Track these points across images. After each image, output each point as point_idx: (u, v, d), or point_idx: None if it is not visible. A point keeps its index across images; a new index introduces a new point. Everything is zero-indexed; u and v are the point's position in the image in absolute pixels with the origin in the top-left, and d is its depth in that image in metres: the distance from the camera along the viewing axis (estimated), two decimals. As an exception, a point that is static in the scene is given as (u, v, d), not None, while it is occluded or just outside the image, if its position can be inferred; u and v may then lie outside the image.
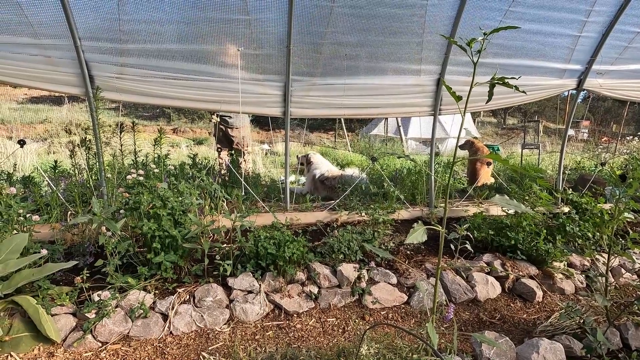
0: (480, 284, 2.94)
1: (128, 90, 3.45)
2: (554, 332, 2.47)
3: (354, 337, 2.39)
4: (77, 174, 4.03)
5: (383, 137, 13.57)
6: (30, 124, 13.20)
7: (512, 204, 1.61)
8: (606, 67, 4.39)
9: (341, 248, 3.05)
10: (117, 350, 2.15)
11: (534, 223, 3.50)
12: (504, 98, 4.39)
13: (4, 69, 3.12)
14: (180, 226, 2.73)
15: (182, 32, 3.36)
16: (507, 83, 1.52)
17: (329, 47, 3.63)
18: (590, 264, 3.40)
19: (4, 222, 2.48)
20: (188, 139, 12.95)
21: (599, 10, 3.85)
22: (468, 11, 3.58)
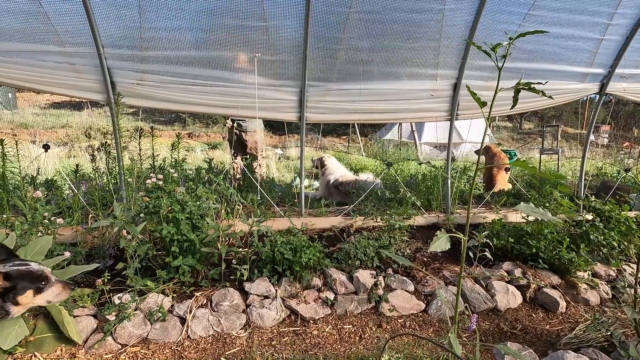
0: (500, 293, 2.87)
1: (148, 96, 3.53)
2: (579, 345, 2.38)
3: (371, 345, 2.35)
4: (97, 178, 4.13)
5: (397, 141, 13.48)
6: (52, 128, 13.64)
7: (538, 212, 1.56)
8: (630, 71, 4.26)
9: (357, 254, 3.03)
10: (136, 352, 2.17)
11: (556, 231, 3.40)
12: (524, 103, 4.31)
13: (31, 76, 3.23)
14: (197, 230, 2.75)
15: (200, 39, 3.43)
16: (534, 88, 1.49)
17: (344, 53, 3.64)
18: (617, 274, 3.27)
19: (29, 224, 2.55)
20: (203, 143, 13.14)
21: (623, 12, 3.75)
22: (486, 15, 3.54)
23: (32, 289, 1.64)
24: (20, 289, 1.60)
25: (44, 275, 1.69)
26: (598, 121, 15.26)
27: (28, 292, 1.63)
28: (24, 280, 1.61)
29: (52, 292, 1.72)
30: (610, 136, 15.03)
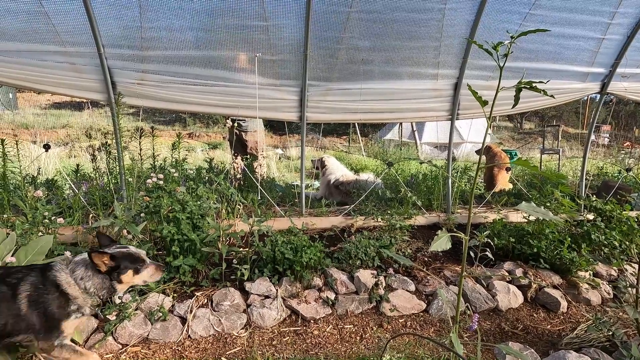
0: (501, 293, 2.86)
1: (148, 96, 3.52)
2: (580, 345, 2.38)
3: (372, 345, 2.35)
4: (97, 178, 4.13)
5: (397, 141, 13.47)
6: (53, 128, 13.64)
7: (540, 211, 1.55)
8: (632, 70, 4.25)
9: (358, 254, 3.02)
10: (137, 352, 2.17)
11: (557, 231, 3.39)
12: (525, 102, 4.30)
13: (31, 76, 3.23)
14: (198, 230, 2.75)
15: (201, 39, 3.42)
16: (535, 87, 1.48)
17: (345, 52, 3.64)
18: (618, 274, 3.27)
19: (30, 224, 2.55)
20: (203, 143, 13.14)
21: (624, 12, 3.74)
22: (487, 14, 3.53)
23: (132, 269, 1.84)
24: (123, 268, 1.81)
25: (140, 257, 1.88)
26: (599, 121, 15.23)
27: (129, 272, 1.83)
28: (126, 261, 1.82)
29: (147, 273, 1.90)
30: (611, 136, 15.02)
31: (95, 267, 1.75)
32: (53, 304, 1.70)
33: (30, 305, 1.67)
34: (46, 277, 1.74)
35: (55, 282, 1.73)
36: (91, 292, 1.76)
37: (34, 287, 1.70)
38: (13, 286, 1.68)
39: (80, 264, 1.78)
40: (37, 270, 1.76)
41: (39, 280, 1.72)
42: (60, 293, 1.72)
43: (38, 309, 1.68)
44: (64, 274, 1.75)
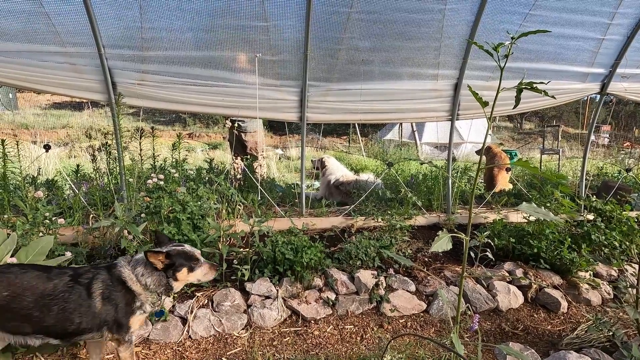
0: (501, 293, 2.86)
1: (148, 97, 3.53)
2: (581, 345, 2.38)
3: (373, 345, 2.35)
4: (98, 178, 4.13)
5: (397, 142, 13.47)
6: (53, 129, 13.64)
7: (541, 212, 1.56)
8: (632, 71, 4.26)
9: (358, 254, 3.02)
10: (137, 353, 2.16)
11: (557, 231, 3.39)
12: (526, 103, 4.30)
13: (32, 76, 3.23)
14: (199, 230, 2.75)
15: (201, 39, 3.42)
16: (536, 88, 1.48)
17: (345, 53, 3.64)
18: (618, 275, 3.27)
19: (30, 224, 2.55)
20: (204, 144, 13.14)
21: (624, 12, 3.75)
22: (487, 15, 3.54)
23: (187, 267, 1.88)
24: (178, 266, 1.85)
25: (195, 256, 1.93)
26: (599, 121, 15.22)
27: (184, 270, 1.87)
28: (180, 259, 1.86)
29: (201, 271, 1.94)
30: (611, 136, 15.02)
31: (152, 265, 1.81)
32: (122, 301, 1.78)
33: (104, 303, 1.75)
34: (112, 274, 1.81)
35: (121, 279, 1.80)
36: (151, 288, 1.83)
37: (105, 284, 1.77)
38: (87, 285, 1.75)
39: (140, 262, 1.84)
40: (104, 269, 1.83)
41: (107, 277, 1.79)
42: (127, 290, 1.80)
43: (110, 305, 1.75)
44: (127, 271, 1.82)
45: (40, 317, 1.65)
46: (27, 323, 1.65)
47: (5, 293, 1.62)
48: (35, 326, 1.67)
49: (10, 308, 1.62)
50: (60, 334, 1.72)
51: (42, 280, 1.70)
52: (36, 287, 1.67)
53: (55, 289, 1.69)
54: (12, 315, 1.63)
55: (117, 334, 1.78)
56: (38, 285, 1.68)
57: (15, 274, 1.68)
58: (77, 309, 1.70)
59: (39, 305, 1.65)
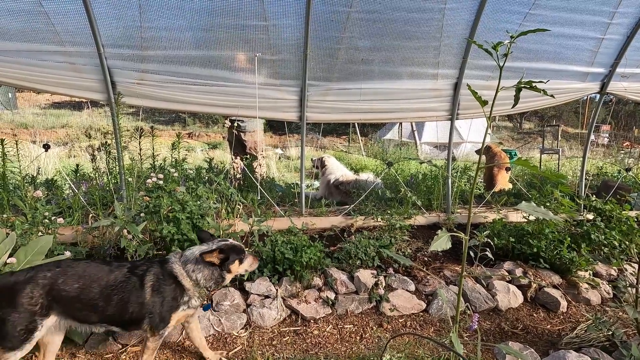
0: (501, 293, 2.86)
1: (148, 96, 3.52)
2: (580, 345, 2.38)
3: (372, 345, 2.35)
4: (97, 178, 4.13)
5: (397, 141, 13.47)
6: (52, 128, 13.63)
7: (540, 211, 1.55)
8: (631, 70, 4.25)
9: (358, 254, 3.02)
10: (137, 352, 2.16)
11: (557, 230, 3.39)
12: (525, 102, 4.30)
13: (31, 75, 3.23)
14: (198, 230, 2.75)
15: (200, 39, 3.42)
16: (535, 87, 1.48)
17: (345, 52, 3.64)
18: (618, 274, 3.27)
19: (29, 224, 2.55)
20: (203, 143, 13.14)
21: (624, 12, 3.75)
22: (487, 14, 3.53)
23: (237, 259, 1.99)
24: (231, 260, 1.96)
25: (242, 248, 2.04)
26: (598, 121, 15.23)
27: (236, 262, 1.98)
28: (232, 252, 1.96)
29: (248, 262, 2.06)
30: (610, 136, 15.03)
31: (206, 261, 1.89)
32: (169, 295, 1.85)
33: (153, 294, 1.83)
34: (165, 268, 1.89)
35: (173, 274, 1.88)
36: (201, 283, 1.91)
37: (157, 277, 1.86)
38: (141, 277, 1.84)
39: (190, 259, 1.92)
40: (157, 263, 1.92)
41: (159, 271, 1.88)
42: (177, 284, 1.87)
43: (158, 297, 1.83)
44: (178, 266, 1.90)
45: (104, 306, 1.77)
46: (93, 312, 1.77)
47: (76, 285, 1.75)
48: (100, 315, 1.78)
49: (80, 299, 1.74)
50: (119, 323, 1.83)
51: (106, 273, 1.82)
52: (101, 278, 1.80)
53: (116, 280, 1.81)
54: (82, 306, 1.75)
55: (156, 327, 1.84)
56: (102, 277, 1.80)
57: (83, 267, 1.81)
58: (131, 298, 1.80)
59: (103, 296, 1.77)
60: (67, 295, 1.73)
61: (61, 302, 1.73)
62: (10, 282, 1.70)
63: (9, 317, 1.64)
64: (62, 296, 1.72)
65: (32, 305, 1.68)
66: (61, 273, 1.76)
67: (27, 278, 1.71)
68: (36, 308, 1.68)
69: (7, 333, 1.64)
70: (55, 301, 1.72)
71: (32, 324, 1.68)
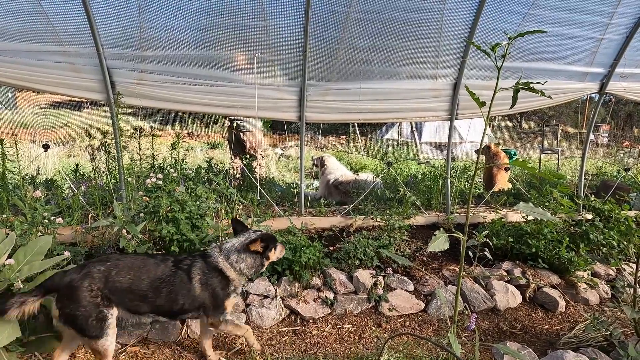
0: (499, 293, 2.87)
1: (147, 96, 3.52)
2: (578, 345, 2.38)
3: (371, 344, 2.36)
4: (97, 178, 4.13)
5: (396, 141, 13.47)
6: (52, 128, 13.62)
7: (538, 211, 1.56)
8: (631, 70, 4.26)
9: (357, 254, 3.03)
10: (136, 352, 2.17)
11: (555, 230, 3.40)
12: (524, 102, 4.31)
13: (30, 75, 3.22)
14: (197, 230, 2.75)
15: (200, 39, 3.42)
16: (532, 88, 1.49)
17: (344, 52, 3.64)
18: (616, 274, 3.27)
19: (29, 224, 2.55)
20: (203, 143, 13.14)
21: (623, 12, 3.75)
22: (486, 15, 3.53)
23: (274, 247, 2.16)
24: (270, 247, 2.13)
25: (275, 237, 2.21)
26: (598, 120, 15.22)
27: (272, 249, 2.15)
28: (270, 241, 2.13)
29: (279, 250, 2.24)
30: (610, 136, 15.03)
31: (250, 250, 2.06)
32: (219, 286, 2.01)
33: (202, 287, 1.97)
34: (208, 263, 2.03)
35: (218, 267, 2.02)
36: (244, 272, 2.07)
37: (202, 271, 1.99)
38: (187, 271, 1.97)
39: (232, 250, 2.06)
40: (199, 258, 2.05)
41: (204, 265, 2.02)
42: (223, 276, 2.02)
43: (208, 290, 1.98)
44: (222, 260, 2.04)
45: (154, 298, 1.89)
46: (144, 303, 1.89)
47: (128, 276, 1.87)
48: (151, 306, 1.90)
49: (132, 290, 1.86)
50: (168, 313, 1.96)
51: (153, 266, 1.94)
52: (150, 271, 1.92)
53: (164, 274, 1.93)
54: (133, 296, 1.87)
55: (214, 315, 2.01)
56: (150, 269, 1.92)
57: (131, 260, 1.93)
58: (180, 291, 1.93)
59: (152, 288, 1.89)
60: (120, 286, 1.84)
61: (116, 293, 1.84)
62: (67, 281, 1.80)
63: (77, 312, 1.76)
64: (116, 287, 1.84)
65: (93, 297, 1.79)
66: (113, 266, 1.87)
67: (83, 274, 1.82)
68: (98, 300, 1.80)
69: (84, 325, 1.77)
70: (112, 292, 1.83)
71: (101, 314, 1.79)
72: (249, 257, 2.07)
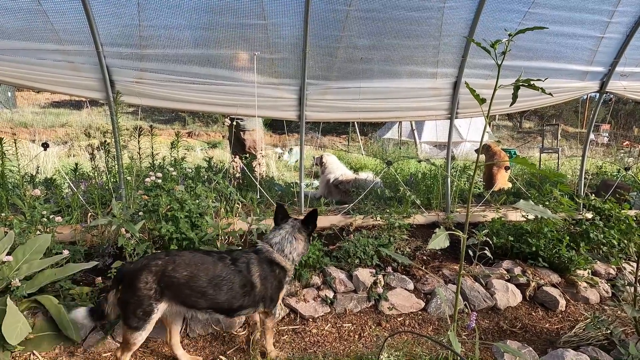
0: (500, 292, 2.86)
1: (147, 95, 3.52)
2: (578, 343, 2.38)
3: (371, 343, 2.35)
4: (96, 177, 4.13)
5: (396, 140, 13.47)
6: (52, 127, 13.62)
7: (538, 209, 1.56)
8: (631, 69, 4.25)
9: (357, 252, 3.02)
10: (135, 351, 2.16)
11: (556, 229, 3.39)
12: (524, 101, 4.30)
13: (30, 74, 3.22)
14: (197, 228, 2.75)
15: (199, 37, 3.41)
16: (533, 85, 1.48)
17: (344, 51, 3.63)
18: (617, 273, 3.27)
19: (28, 223, 2.54)
20: (203, 142, 13.13)
21: (623, 10, 3.74)
22: (486, 13, 3.53)
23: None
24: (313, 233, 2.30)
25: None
26: (598, 120, 15.22)
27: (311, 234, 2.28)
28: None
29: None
30: (610, 135, 15.03)
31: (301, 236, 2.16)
32: (276, 280, 2.06)
33: (262, 282, 2.01)
34: (264, 257, 2.06)
35: (275, 261, 2.07)
36: (296, 261, 2.16)
37: (261, 266, 2.03)
38: (246, 268, 2.00)
39: (284, 242, 2.12)
40: (253, 253, 2.08)
41: (261, 260, 2.05)
42: (280, 269, 2.08)
43: (267, 284, 2.03)
44: (277, 254, 2.08)
45: (214, 294, 1.91)
46: (203, 299, 1.91)
47: (185, 272, 1.89)
48: (210, 302, 1.92)
49: (189, 285, 1.88)
50: (227, 310, 1.98)
51: (211, 263, 1.96)
52: (208, 268, 1.93)
53: (222, 271, 1.95)
54: (191, 292, 1.89)
55: (268, 308, 2.06)
56: (209, 266, 1.94)
57: (189, 257, 1.95)
58: (242, 288, 1.96)
59: (212, 284, 1.91)
60: (177, 281, 1.86)
61: (171, 288, 1.86)
62: (130, 269, 1.87)
63: (130, 300, 1.82)
64: (172, 282, 1.86)
65: (147, 289, 1.83)
66: (170, 262, 1.89)
67: (142, 265, 1.87)
68: (151, 292, 1.83)
69: (130, 313, 1.82)
70: (167, 287, 1.85)
71: (149, 307, 1.83)
72: (300, 245, 2.15)
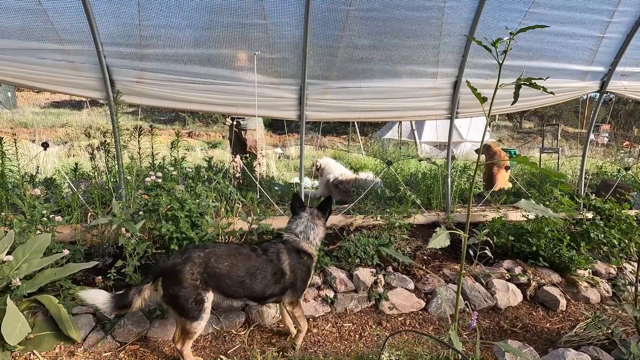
0: (500, 291, 2.86)
1: (147, 94, 3.51)
2: (579, 343, 2.38)
3: (371, 343, 2.35)
4: (96, 176, 4.12)
5: (397, 140, 13.47)
6: (52, 127, 13.62)
7: (539, 208, 1.55)
8: (631, 69, 4.25)
9: (357, 252, 3.02)
10: (135, 351, 2.16)
11: (556, 229, 3.39)
12: (525, 101, 4.30)
13: (30, 74, 3.22)
14: (197, 228, 2.74)
15: (199, 37, 3.41)
16: (534, 84, 1.48)
17: (344, 51, 3.63)
18: (617, 272, 3.26)
19: (28, 222, 2.54)
20: (203, 142, 13.13)
21: (623, 10, 3.74)
22: (486, 13, 3.53)
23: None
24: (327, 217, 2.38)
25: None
26: (598, 120, 15.22)
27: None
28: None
29: None
30: (610, 135, 15.03)
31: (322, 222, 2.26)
32: (304, 267, 2.13)
33: (291, 269, 2.09)
34: (292, 246, 2.14)
35: (303, 249, 2.15)
36: (319, 246, 2.26)
37: (289, 255, 2.11)
38: (277, 257, 2.09)
39: (308, 230, 2.20)
40: (281, 243, 2.17)
41: (289, 249, 2.13)
42: (308, 256, 2.16)
43: (297, 271, 2.10)
44: (304, 243, 2.17)
45: (250, 283, 2.01)
46: (241, 288, 2.00)
47: (226, 263, 1.99)
48: (246, 291, 2.02)
49: (230, 276, 1.98)
50: (260, 298, 2.07)
51: (246, 254, 2.05)
52: (244, 259, 2.03)
53: (257, 261, 2.04)
54: (231, 282, 1.99)
55: (296, 296, 2.13)
56: (245, 257, 2.04)
57: (226, 249, 2.05)
58: (273, 276, 2.05)
59: (249, 274, 2.01)
60: (219, 272, 1.95)
61: (214, 278, 1.95)
62: (170, 265, 1.93)
63: (179, 293, 1.88)
64: (215, 272, 1.94)
65: (194, 280, 1.90)
66: (211, 253, 1.98)
67: (184, 259, 1.93)
68: (197, 282, 1.91)
69: (183, 306, 1.88)
70: (210, 277, 1.94)
71: (199, 296, 1.91)
72: (320, 228, 2.24)
